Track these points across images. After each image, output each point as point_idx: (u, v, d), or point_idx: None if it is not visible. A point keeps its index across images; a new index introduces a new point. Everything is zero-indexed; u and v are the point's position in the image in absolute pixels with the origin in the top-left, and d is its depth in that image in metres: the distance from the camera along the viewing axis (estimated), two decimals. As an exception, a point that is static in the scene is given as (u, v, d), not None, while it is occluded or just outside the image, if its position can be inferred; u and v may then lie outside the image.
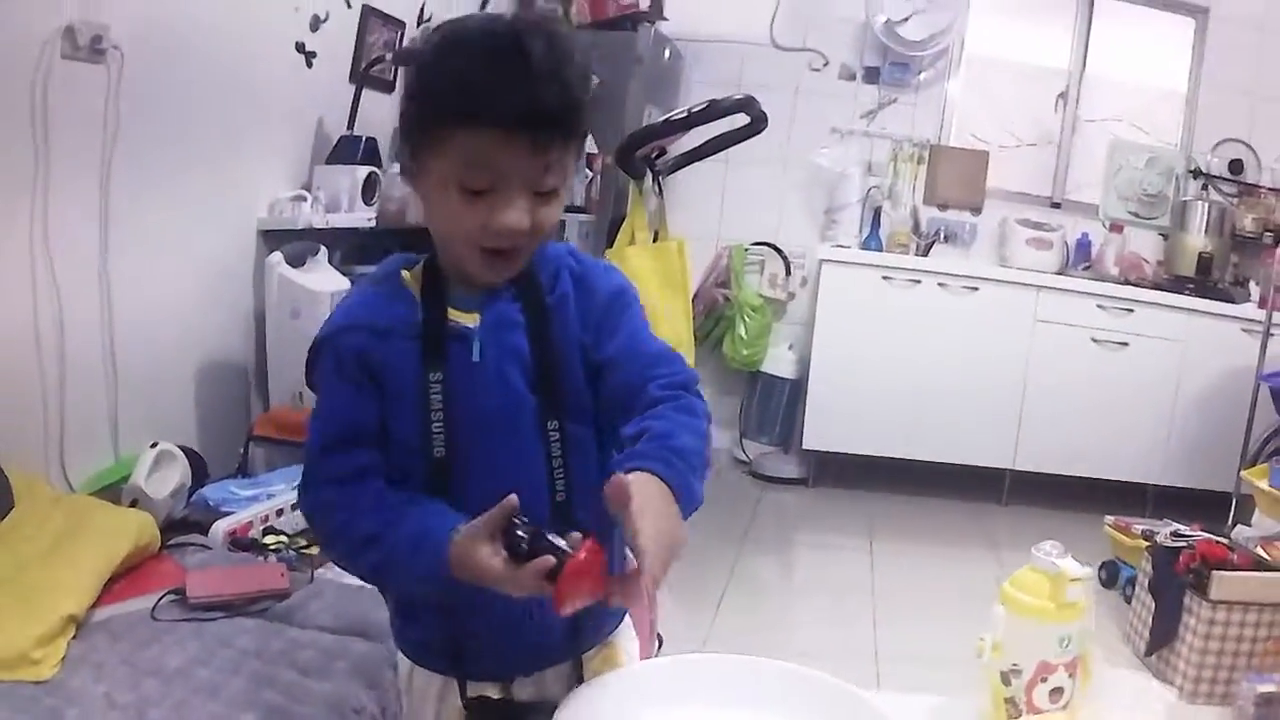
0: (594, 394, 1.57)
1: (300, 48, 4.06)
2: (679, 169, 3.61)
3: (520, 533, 1.31)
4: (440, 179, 1.43)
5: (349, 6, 4.33)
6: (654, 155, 3.29)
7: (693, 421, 1.48)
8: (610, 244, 3.36)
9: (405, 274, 1.57)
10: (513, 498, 1.33)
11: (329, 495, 1.50)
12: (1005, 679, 1.50)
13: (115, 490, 2.84)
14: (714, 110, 2.97)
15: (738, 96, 2.96)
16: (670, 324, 3.22)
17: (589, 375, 1.56)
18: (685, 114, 3.08)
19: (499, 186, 1.40)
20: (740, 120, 3.02)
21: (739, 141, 3.12)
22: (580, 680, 1.56)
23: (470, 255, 1.47)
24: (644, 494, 1.29)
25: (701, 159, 3.39)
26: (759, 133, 3.04)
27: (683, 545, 1.31)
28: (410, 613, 1.63)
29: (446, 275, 1.55)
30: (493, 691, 1.60)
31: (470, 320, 1.52)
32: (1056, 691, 1.49)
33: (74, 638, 2.10)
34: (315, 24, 4.11)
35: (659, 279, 3.21)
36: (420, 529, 1.42)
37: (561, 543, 1.31)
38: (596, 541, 1.31)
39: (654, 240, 3.33)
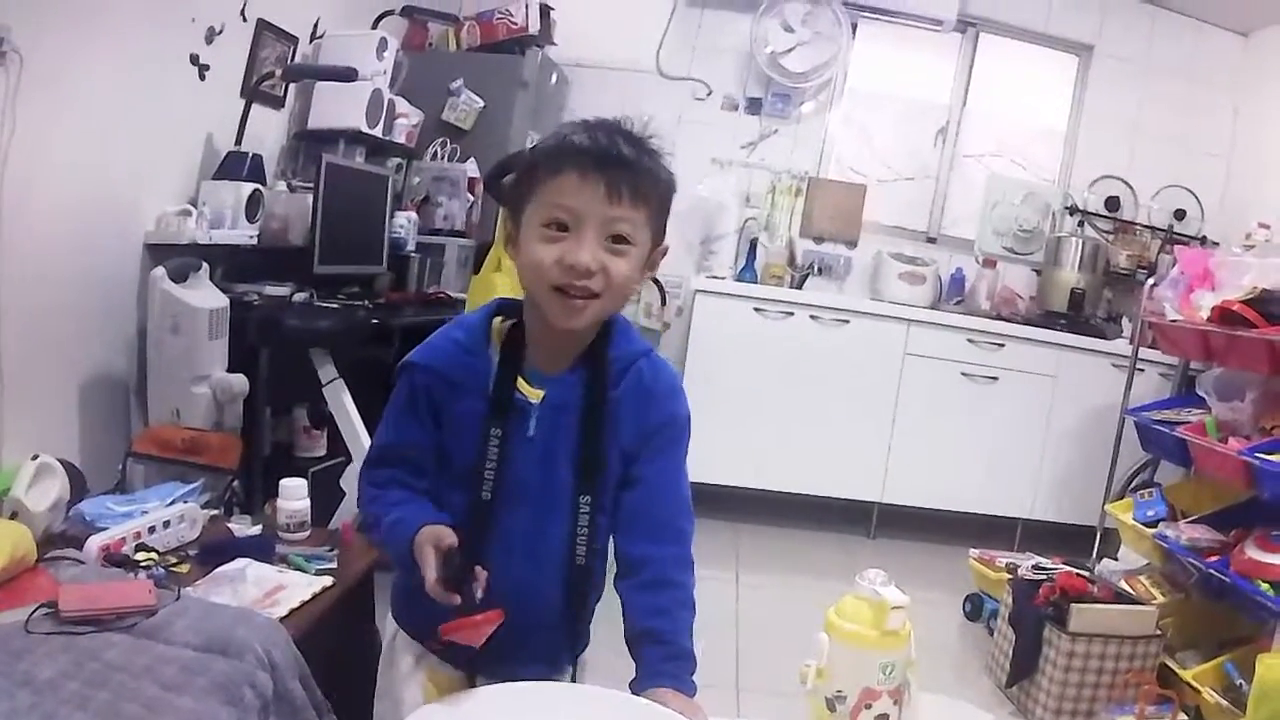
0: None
1: (195, 60, 3.99)
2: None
3: (457, 561, 1.58)
4: (530, 229, 1.67)
5: (244, 20, 4.25)
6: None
7: (687, 597, 1.77)
8: (478, 270, 3.32)
9: (496, 324, 1.79)
10: (453, 540, 1.62)
11: (369, 492, 1.82)
12: (830, 705, 1.49)
13: None
14: (584, 137, 2.94)
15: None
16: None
17: (621, 469, 1.78)
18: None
19: (575, 228, 1.63)
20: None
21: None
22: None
23: (548, 297, 1.66)
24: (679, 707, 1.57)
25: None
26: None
27: None
28: (427, 600, 1.66)
29: (527, 343, 1.76)
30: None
31: (535, 396, 1.73)
32: (882, 718, 1.47)
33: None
34: (210, 36, 4.03)
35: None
36: (403, 517, 1.71)
37: (477, 587, 1.57)
38: (495, 615, 1.55)
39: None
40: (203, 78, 4.04)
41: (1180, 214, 6.58)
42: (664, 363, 1.85)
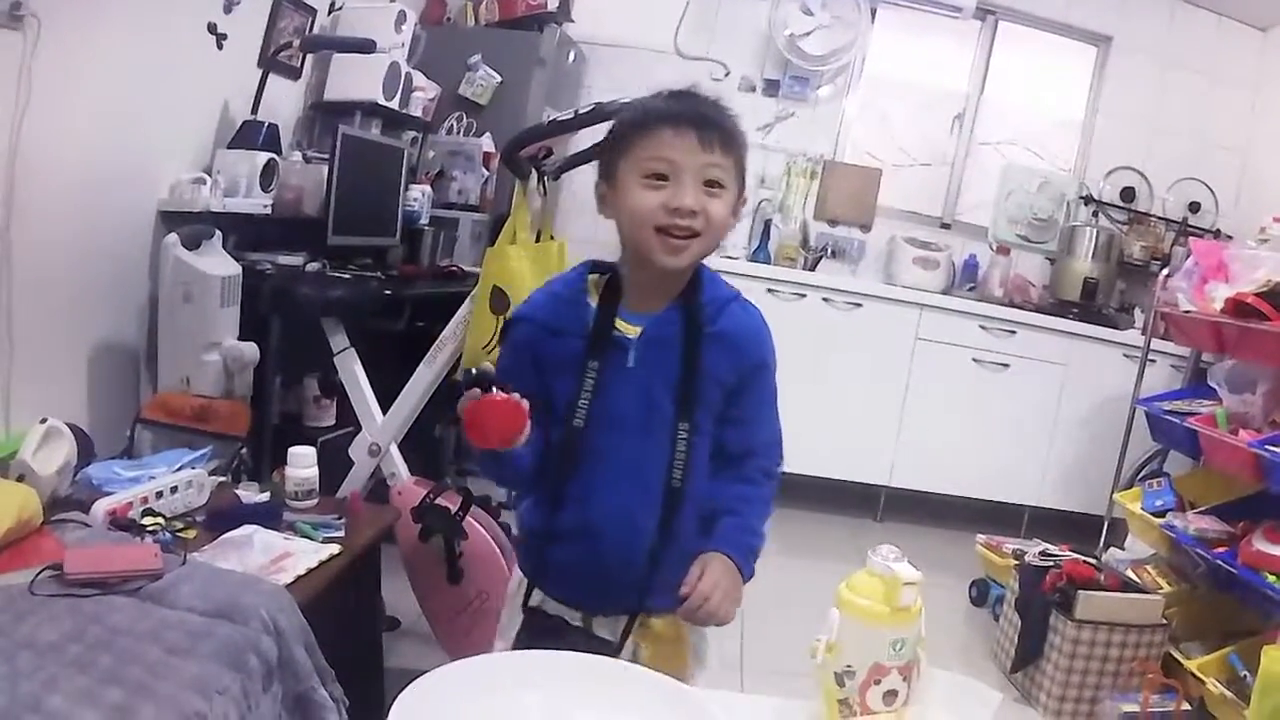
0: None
1: (212, 29, 3.97)
2: (565, 171, 3.57)
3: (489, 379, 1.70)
4: (627, 181, 1.83)
5: (262, -11, 4.25)
6: (541, 156, 3.24)
7: (769, 497, 2.01)
8: (493, 242, 3.31)
9: (592, 278, 1.95)
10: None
11: None
12: (839, 680, 1.48)
13: (4, 464, 2.78)
14: (600, 113, 2.91)
15: (624, 100, 2.91)
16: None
17: (719, 399, 1.94)
18: (571, 115, 3.03)
19: (674, 174, 1.80)
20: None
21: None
22: (626, 635, 1.96)
23: (650, 238, 1.82)
24: (718, 573, 1.85)
25: (589, 162, 3.34)
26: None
27: (723, 623, 1.88)
28: (535, 527, 2.00)
29: (623, 289, 1.92)
30: (565, 615, 2.00)
31: (633, 332, 1.89)
32: (890, 694, 1.46)
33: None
34: (228, 6, 4.02)
35: (537, 280, 3.15)
36: None
37: (511, 393, 1.71)
38: (519, 406, 1.71)
39: (537, 240, 3.29)
40: (220, 47, 4.02)
41: (1195, 206, 6.57)
42: (754, 306, 2.01)
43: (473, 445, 1.75)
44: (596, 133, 3.00)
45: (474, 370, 1.70)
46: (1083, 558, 4.19)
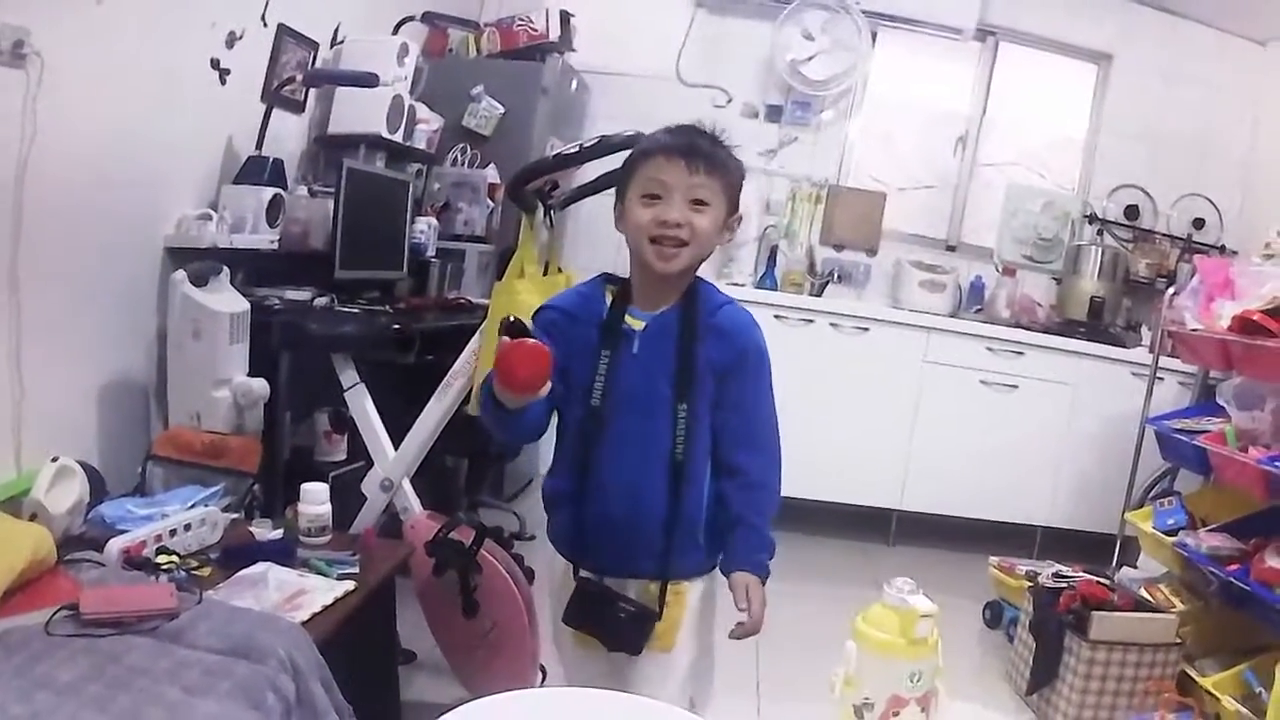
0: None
1: (215, 64, 3.97)
2: (572, 203, 3.58)
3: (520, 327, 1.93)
4: (631, 201, 2.18)
5: (264, 25, 4.24)
6: (547, 189, 3.24)
7: (774, 496, 2.35)
8: (500, 276, 3.31)
9: (608, 286, 2.28)
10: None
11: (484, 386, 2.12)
12: (858, 713, 1.49)
13: (16, 503, 2.78)
14: (604, 146, 2.93)
15: (628, 133, 2.92)
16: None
17: (714, 386, 2.23)
18: (576, 149, 3.04)
19: (665, 193, 2.14)
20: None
21: (629, 177, 3.10)
22: (663, 599, 2.25)
23: (645, 248, 2.16)
24: (759, 597, 2.21)
25: (593, 194, 3.36)
26: (648, 169, 3.02)
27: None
28: (555, 506, 2.36)
29: (632, 292, 2.25)
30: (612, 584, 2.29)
31: (638, 325, 2.23)
32: (908, 725, 1.47)
33: (-30, 649, 2.07)
34: (231, 40, 4.01)
35: (546, 315, 3.19)
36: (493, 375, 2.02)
37: (541, 339, 1.94)
38: (537, 346, 1.92)
39: (544, 273, 3.29)
40: (224, 82, 4.02)
41: (1199, 223, 6.58)
42: (744, 309, 2.32)
43: (498, 388, 1.98)
44: (602, 165, 3.03)
45: (512, 318, 1.93)
46: (1096, 578, 4.18)
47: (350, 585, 2.63)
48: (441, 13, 5.77)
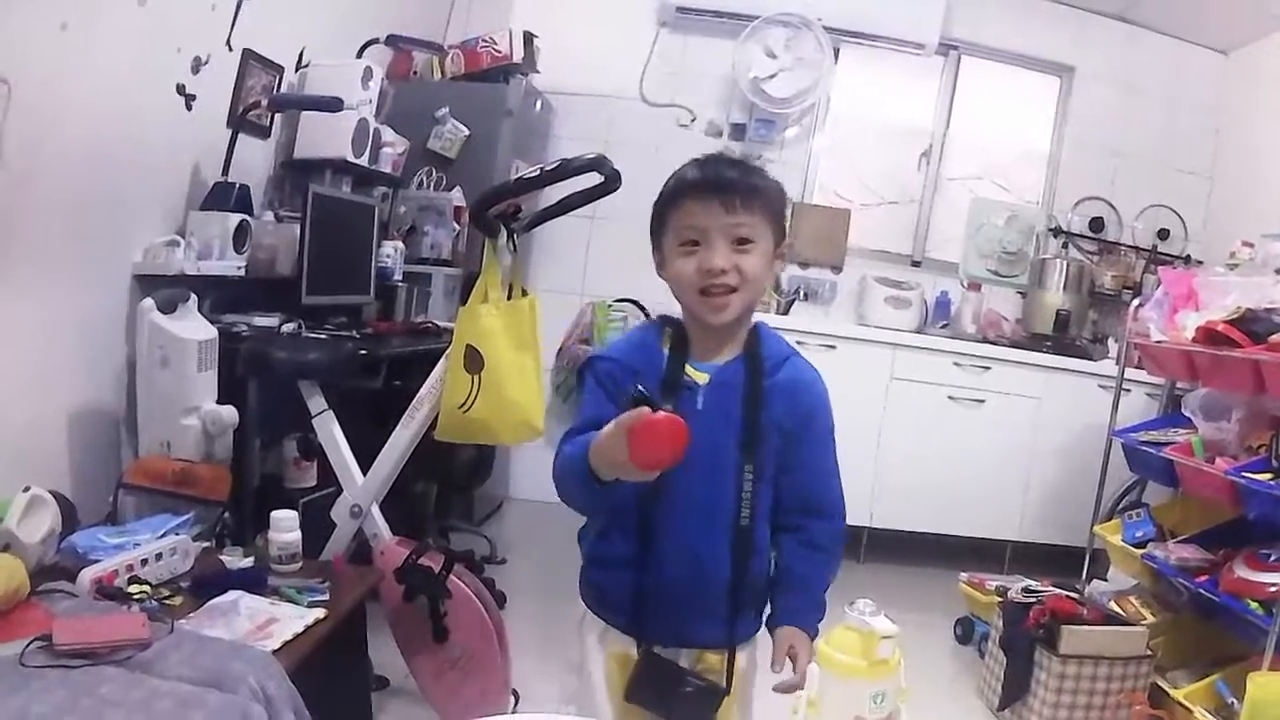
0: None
1: (181, 89, 3.96)
2: (534, 226, 3.58)
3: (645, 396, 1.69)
4: (670, 250, 2.03)
5: (230, 49, 4.23)
6: (510, 212, 3.25)
7: (834, 563, 2.18)
8: (465, 298, 3.32)
9: (666, 330, 2.10)
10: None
11: (564, 450, 1.96)
12: (823, 736, 1.49)
13: None
14: (566, 169, 2.93)
15: (590, 156, 2.93)
16: (521, 380, 3.18)
17: (780, 444, 2.07)
18: (537, 172, 3.04)
19: (704, 239, 1.98)
20: (594, 179, 2.99)
21: (592, 200, 3.09)
22: (731, 669, 2.09)
23: (695, 300, 2.01)
24: (808, 654, 1.98)
25: (555, 217, 3.36)
26: (611, 191, 3.01)
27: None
28: (606, 570, 2.14)
29: (690, 340, 2.07)
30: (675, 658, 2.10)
31: (701, 379, 2.04)
32: (875, 747, 1.48)
33: (-56, 682, 2.07)
34: (196, 66, 4.00)
35: (510, 337, 3.17)
36: (582, 442, 1.85)
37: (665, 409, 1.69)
38: (677, 420, 1.67)
39: (509, 297, 3.29)
40: (189, 107, 4.02)
41: (1164, 234, 6.64)
42: (808, 361, 2.16)
43: (619, 464, 1.73)
44: (564, 188, 3.04)
45: (641, 389, 1.72)
46: (1065, 592, 4.19)
47: (321, 613, 2.63)
48: (406, 35, 5.76)
